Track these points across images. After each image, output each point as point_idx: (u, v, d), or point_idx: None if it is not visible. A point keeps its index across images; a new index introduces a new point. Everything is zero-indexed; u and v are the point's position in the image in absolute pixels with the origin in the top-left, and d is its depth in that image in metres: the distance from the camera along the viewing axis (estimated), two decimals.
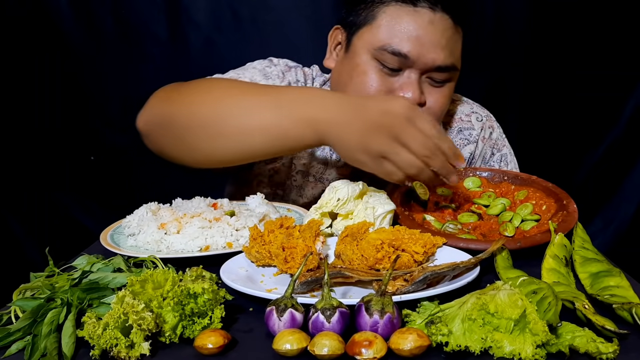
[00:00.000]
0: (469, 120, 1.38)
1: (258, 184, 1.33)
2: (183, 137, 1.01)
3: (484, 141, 1.37)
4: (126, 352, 0.61)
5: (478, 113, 1.39)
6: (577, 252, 0.86)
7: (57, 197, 2.24)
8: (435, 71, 1.13)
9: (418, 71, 1.12)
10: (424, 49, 1.10)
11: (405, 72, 1.13)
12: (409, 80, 1.13)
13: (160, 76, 2.15)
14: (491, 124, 1.40)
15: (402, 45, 1.10)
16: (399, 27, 1.11)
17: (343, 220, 0.97)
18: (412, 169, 0.88)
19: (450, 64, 1.13)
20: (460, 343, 0.60)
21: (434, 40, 1.10)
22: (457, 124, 1.37)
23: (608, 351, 0.59)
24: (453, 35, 1.13)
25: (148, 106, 1.07)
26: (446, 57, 1.12)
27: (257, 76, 1.26)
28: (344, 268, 0.77)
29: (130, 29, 2.13)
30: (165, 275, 0.68)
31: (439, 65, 1.12)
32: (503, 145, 1.39)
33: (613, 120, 2.20)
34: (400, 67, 1.12)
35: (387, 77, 1.13)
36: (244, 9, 2.11)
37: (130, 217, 1.02)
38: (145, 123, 1.07)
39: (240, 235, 0.96)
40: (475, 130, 1.36)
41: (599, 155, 2.23)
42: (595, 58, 2.14)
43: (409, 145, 0.86)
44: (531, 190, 1.07)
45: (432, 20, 1.10)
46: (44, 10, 2.09)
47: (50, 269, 0.85)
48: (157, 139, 1.06)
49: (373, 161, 0.89)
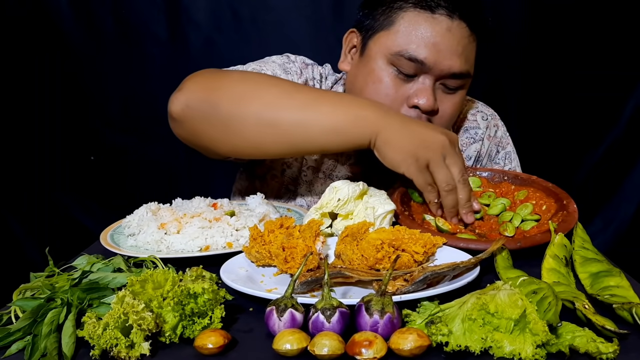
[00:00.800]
0: (474, 119, 1.39)
1: (272, 177, 1.34)
2: (230, 126, 1.02)
3: (490, 139, 1.39)
4: (126, 352, 0.61)
5: (483, 112, 1.41)
6: (577, 252, 0.86)
7: (57, 197, 2.24)
8: (449, 78, 1.13)
9: (433, 77, 1.13)
10: (440, 55, 1.10)
11: (420, 78, 1.13)
12: (423, 86, 1.13)
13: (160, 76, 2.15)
14: (496, 122, 1.42)
15: (419, 52, 1.10)
16: (417, 33, 1.11)
17: (343, 220, 0.97)
18: (447, 187, 0.98)
19: (465, 71, 1.14)
20: (460, 343, 0.60)
21: (451, 48, 1.11)
22: (464, 123, 1.38)
23: (608, 351, 0.59)
24: (469, 43, 1.14)
25: (186, 91, 1.06)
26: (462, 65, 1.13)
27: (277, 70, 1.26)
28: (344, 268, 0.77)
29: (130, 29, 2.13)
30: (165, 275, 0.68)
31: (455, 72, 1.12)
32: (507, 143, 1.41)
33: (613, 120, 2.20)
34: (415, 73, 1.12)
35: (402, 84, 1.14)
36: (244, 9, 2.11)
37: (130, 217, 1.02)
38: (183, 108, 1.04)
39: (240, 235, 0.96)
40: (481, 129, 1.38)
41: (599, 155, 2.23)
42: (595, 58, 2.14)
43: (451, 167, 0.98)
44: (531, 190, 1.07)
45: (449, 28, 1.10)
46: (44, 10, 2.09)
47: (50, 269, 0.85)
48: (196, 125, 1.05)
49: (418, 169, 0.97)
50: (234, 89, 1.03)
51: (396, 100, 1.13)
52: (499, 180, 1.12)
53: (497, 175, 1.13)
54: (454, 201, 1.00)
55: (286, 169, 1.33)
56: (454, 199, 1.00)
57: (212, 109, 1.02)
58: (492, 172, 1.13)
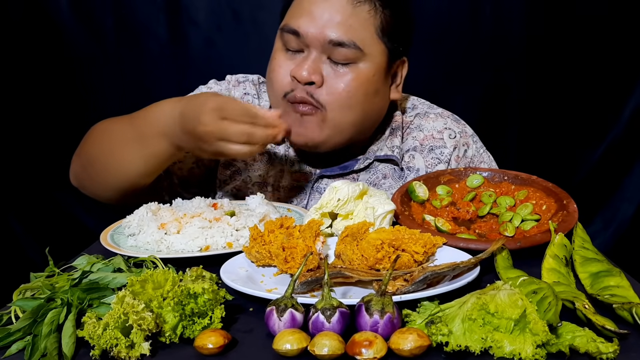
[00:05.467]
0: (441, 137, 1.30)
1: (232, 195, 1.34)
2: (91, 178, 1.23)
3: (458, 160, 1.30)
4: (126, 352, 0.61)
5: (451, 129, 1.31)
6: (577, 252, 0.86)
7: (57, 197, 2.24)
8: (333, 49, 1.12)
9: (316, 50, 1.13)
10: (315, 24, 1.11)
11: (305, 52, 1.15)
12: (304, 58, 1.14)
13: (160, 76, 2.15)
14: (466, 140, 1.32)
15: (295, 22, 1.13)
16: (298, 6, 1.14)
17: (343, 221, 0.97)
18: (243, 154, 1.05)
19: (348, 40, 1.11)
20: (460, 343, 0.60)
21: (328, 16, 1.11)
22: (429, 142, 1.30)
23: (608, 351, 0.59)
24: (354, 12, 1.12)
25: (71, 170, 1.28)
26: (342, 34, 1.11)
27: None
28: (344, 268, 0.77)
29: (130, 29, 2.13)
30: (165, 276, 0.68)
31: (333, 40, 1.11)
32: (480, 161, 1.33)
33: (613, 120, 2.20)
34: (299, 47, 1.14)
35: (288, 59, 1.16)
36: (244, 9, 2.12)
37: (130, 217, 1.02)
38: (73, 180, 1.28)
39: (241, 235, 0.96)
40: (448, 148, 1.29)
41: (599, 155, 2.23)
42: (595, 58, 2.14)
43: (230, 139, 1.02)
44: (531, 190, 1.07)
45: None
46: (44, 10, 2.09)
47: (50, 269, 0.85)
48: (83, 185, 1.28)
49: (215, 155, 1.10)
50: (81, 152, 1.24)
51: (283, 75, 1.16)
52: (499, 180, 1.12)
53: (497, 175, 1.13)
54: (263, 136, 1.03)
55: (237, 192, 1.31)
56: (261, 136, 1.03)
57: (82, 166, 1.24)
58: (492, 171, 1.13)
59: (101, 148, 1.19)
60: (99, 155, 1.19)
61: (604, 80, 2.15)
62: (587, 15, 2.10)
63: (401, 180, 1.27)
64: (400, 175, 1.28)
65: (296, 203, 1.27)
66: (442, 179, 1.13)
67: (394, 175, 1.28)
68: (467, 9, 2.12)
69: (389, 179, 1.28)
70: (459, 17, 2.13)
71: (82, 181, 1.26)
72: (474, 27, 2.13)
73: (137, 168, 1.13)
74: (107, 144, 1.19)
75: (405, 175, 1.27)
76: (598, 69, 2.14)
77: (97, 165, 1.19)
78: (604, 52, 2.13)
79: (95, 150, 1.21)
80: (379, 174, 1.28)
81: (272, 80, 1.19)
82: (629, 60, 2.14)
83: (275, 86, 1.18)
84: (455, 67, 2.16)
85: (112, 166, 1.16)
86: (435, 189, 1.10)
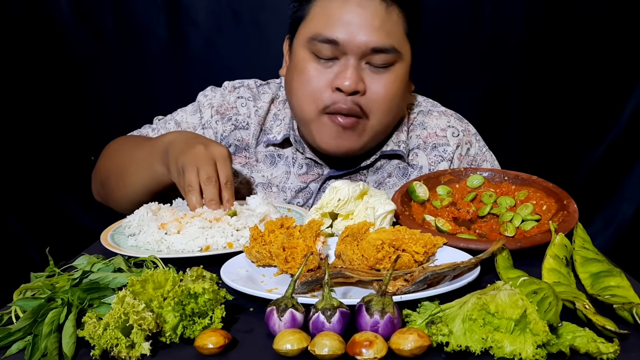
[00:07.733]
0: (444, 135, 1.30)
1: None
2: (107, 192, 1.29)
3: (460, 158, 1.30)
4: (126, 352, 0.61)
5: (455, 127, 1.32)
6: (578, 252, 0.86)
7: (57, 197, 2.24)
8: (372, 55, 1.12)
9: (354, 57, 1.12)
10: (353, 32, 1.10)
11: (342, 60, 1.13)
12: (344, 67, 1.12)
13: (160, 76, 2.16)
14: (469, 139, 1.33)
15: (332, 32, 1.11)
16: (328, 14, 1.12)
17: (343, 221, 0.97)
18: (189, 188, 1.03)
19: (388, 45, 1.12)
20: (460, 343, 0.60)
21: (365, 23, 1.10)
22: (432, 140, 1.30)
23: (608, 351, 0.59)
24: (388, 16, 1.12)
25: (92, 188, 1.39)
26: (381, 39, 1.11)
27: (186, 115, 1.34)
28: (344, 268, 0.77)
29: (130, 29, 2.13)
30: (165, 275, 0.68)
31: (374, 47, 1.11)
32: (483, 160, 1.34)
33: (613, 120, 2.20)
34: (334, 55, 1.12)
35: (323, 69, 1.14)
36: (244, 9, 2.12)
37: (130, 217, 1.02)
38: (96, 195, 1.38)
39: (241, 235, 0.96)
40: (451, 146, 1.29)
41: (599, 155, 2.23)
42: (595, 58, 2.14)
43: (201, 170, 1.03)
44: (531, 190, 1.07)
45: (359, 3, 1.11)
46: (44, 10, 2.09)
47: (50, 269, 0.85)
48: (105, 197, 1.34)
49: (177, 173, 1.07)
50: (100, 168, 1.32)
51: (319, 87, 1.13)
52: (499, 180, 1.12)
53: (497, 175, 1.13)
54: (198, 198, 1.03)
55: (236, 194, 1.31)
56: (198, 197, 1.03)
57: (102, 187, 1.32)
58: (492, 172, 1.13)
59: (117, 164, 1.26)
60: (114, 171, 1.25)
61: (603, 81, 2.15)
62: (587, 16, 2.10)
63: (405, 178, 1.28)
64: (404, 173, 1.28)
65: (302, 204, 1.28)
66: (442, 179, 1.13)
67: (397, 173, 1.29)
68: (467, 9, 2.12)
69: (393, 177, 1.29)
70: (459, 18, 2.13)
71: (103, 197, 1.32)
72: (474, 27, 2.13)
73: (143, 187, 1.18)
74: (120, 160, 1.25)
75: (409, 172, 1.28)
76: (598, 69, 2.14)
77: (112, 180, 1.25)
78: (603, 53, 2.14)
79: (113, 165, 1.27)
80: (384, 172, 1.29)
81: (308, 93, 1.15)
82: (629, 61, 2.14)
83: (315, 100, 1.14)
84: (455, 68, 2.16)
85: (124, 182, 1.21)
86: (436, 189, 1.11)
